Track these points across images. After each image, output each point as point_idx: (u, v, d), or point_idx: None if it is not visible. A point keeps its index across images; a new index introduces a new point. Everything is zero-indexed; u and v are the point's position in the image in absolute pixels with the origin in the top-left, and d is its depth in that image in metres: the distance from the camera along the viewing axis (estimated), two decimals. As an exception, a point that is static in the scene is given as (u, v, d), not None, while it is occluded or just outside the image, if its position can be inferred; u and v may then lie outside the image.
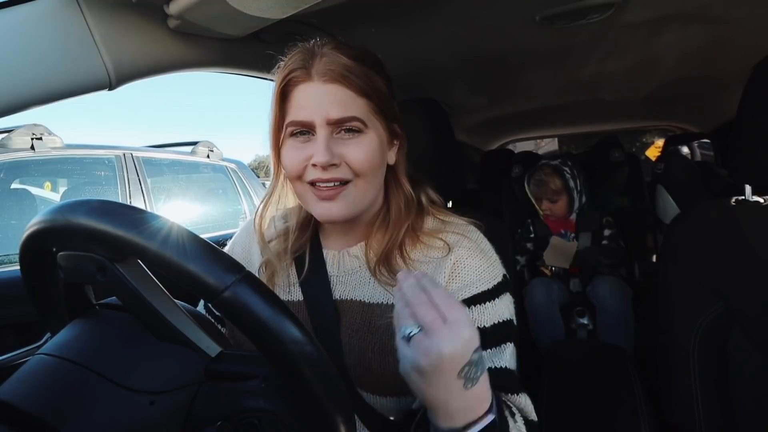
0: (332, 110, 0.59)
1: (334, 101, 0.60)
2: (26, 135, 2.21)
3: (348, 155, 0.60)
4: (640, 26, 1.15)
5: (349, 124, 0.60)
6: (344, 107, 0.60)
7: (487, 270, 0.66)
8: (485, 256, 0.67)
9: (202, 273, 0.36)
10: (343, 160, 0.60)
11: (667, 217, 1.83)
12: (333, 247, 0.73)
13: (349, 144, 0.61)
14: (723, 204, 0.89)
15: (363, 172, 0.62)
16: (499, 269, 0.68)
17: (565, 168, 1.95)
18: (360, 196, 0.63)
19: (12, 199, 2.17)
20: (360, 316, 0.67)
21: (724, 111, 2.07)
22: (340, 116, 0.60)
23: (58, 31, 0.66)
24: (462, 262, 0.66)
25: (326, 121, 0.60)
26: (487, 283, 0.65)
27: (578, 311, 1.88)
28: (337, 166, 0.60)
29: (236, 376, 0.43)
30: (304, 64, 0.61)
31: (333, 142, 0.60)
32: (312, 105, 0.60)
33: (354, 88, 0.61)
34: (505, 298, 0.67)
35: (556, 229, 2.00)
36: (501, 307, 0.66)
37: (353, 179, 0.62)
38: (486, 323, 0.64)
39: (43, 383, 0.40)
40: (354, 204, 0.63)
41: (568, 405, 1.10)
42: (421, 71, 1.41)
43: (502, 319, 0.65)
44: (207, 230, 2.79)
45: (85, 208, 0.39)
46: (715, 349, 0.82)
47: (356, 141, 0.61)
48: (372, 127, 0.63)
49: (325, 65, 0.60)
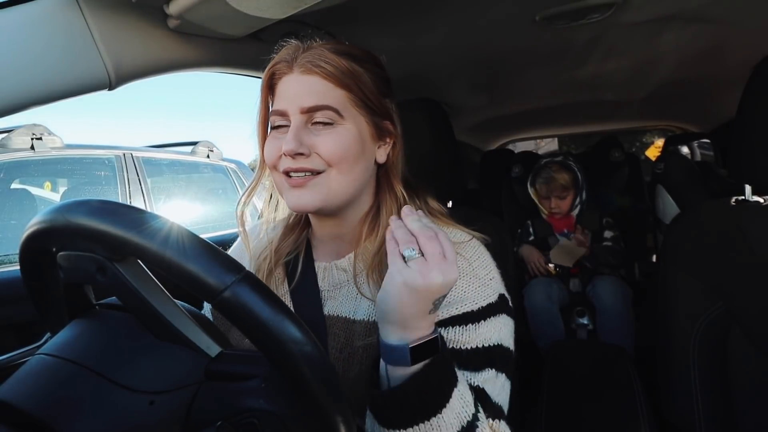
0: (306, 100, 0.60)
1: (310, 92, 0.60)
2: (26, 135, 2.21)
3: (318, 146, 0.60)
4: (640, 26, 1.15)
5: (322, 114, 0.60)
6: (318, 96, 0.60)
7: (476, 290, 0.63)
8: (476, 276, 0.64)
9: (202, 273, 0.36)
10: (313, 150, 0.60)
11: (667, 217, 1.83)
12: (323, 259, 0.72)
13: (321, 134, 0.61)
14: (723, 204, 0.89)
15: (335, 162, 0.61)
16: (494, 289, 0.64)
17: (570, 162, 1.96)
18: (334, 186, 0.62)
19: (12, 199, 2.17)
20: (343, 335, 0.65)
21: (724, 111, 2.07)
22: (312, 104, 0.60)
23: (58, 31, 0.66)
24: None
25: (299, 110, 0.60)
26: (472, 304, 0.62)
27: (578, 311, 1.88)
28: (306, 156, 0.60)
29: (236, 376, 0.43)
30: (288, 57, 0.62)
31: (304, 132, 0.61)
32: (289, 95, 0.61)
33: (332, 79, 0.61)
34: (497, 321, 0.62)
35: (559, 229, 2.00)
36: (488, 330, 0.61)
37: (326, 170, 0.61)
38: (463, 345, 0.59)
39: (43, 383, 0.40)
40: (326, 194, 0.62)
41: (568, 405, 1.10)
42: (421, 71, 1.41)
43: (488, 344, 0.60)
44: (207, 230, 2.79)
45: (85, 208, 0.39)
46: (715, 349, 0.82)
47: (328, 131, 0.61)
48: (349, 118, 0.62)
49: (306, 58, 0.61)
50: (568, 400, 1.11)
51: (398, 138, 0.69)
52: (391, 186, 0.69)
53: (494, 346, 0.61)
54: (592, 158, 2.26)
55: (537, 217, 2.06)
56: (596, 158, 2.23)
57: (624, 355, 1.31)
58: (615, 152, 2.15)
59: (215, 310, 0.73)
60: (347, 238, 0.70)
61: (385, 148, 0.68)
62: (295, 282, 0.71)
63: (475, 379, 0.58)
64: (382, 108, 0.67)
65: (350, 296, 0.67)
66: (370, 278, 0.65)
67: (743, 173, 0.84)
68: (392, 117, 0.68)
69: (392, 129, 0.68)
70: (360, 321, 0.65)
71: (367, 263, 0.66)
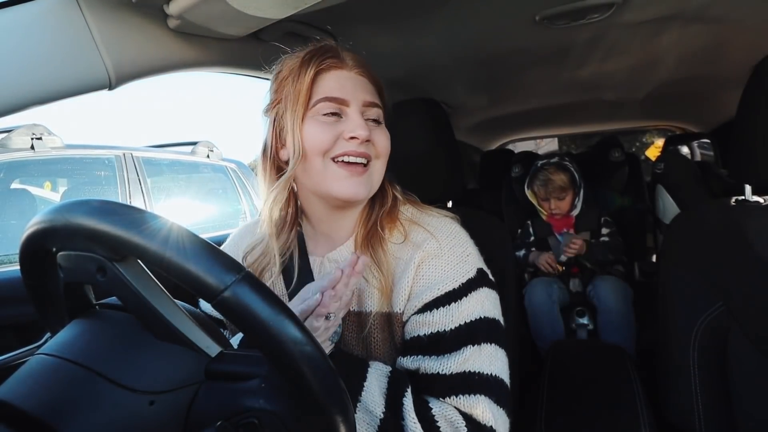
0: (367, 95, 0.67)
1: (367, 90, 0.68)
2: (26, 135, 2.21)
3: (375, 138, 0.67)
4: (640, 26, 1.15)
5: (375, 111, 0.69)
6: (374, 96, 0.69)
7: (454, 267, 0.66)
8: (453, 252, 0.67)
9: (202, 273, 0.36)
10: (372, 141, 0.67)
11: (667, 217, 1.83)
12: (317, 253, 0.74)
13: (375, 129, 0.68)
14: (723, 204, 0.89)
15: (383, 155, 0.69)
16: (471, 264, 0.68)
17: (566, 163, 1.95)
18: (377, 177, 0.69)
19: (12, 199, 2.17)
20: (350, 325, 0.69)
21: (724, 111, 2.07)
22: (373, 100, 0.68)
23: (58, 31, 0.66)
24: (426, 263, 0.67)
25: (362, 102, 0.67)
26: (452, 282, 0.65)
27: (578, 311, 1.88)
28: (370, 143, 0.66)
29: (236, 376, 0.43)
30: (336, 54, 0.67)
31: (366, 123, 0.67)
32: (347, 88, 0.66)
33: (376, 86, 0.70)
34: (478, 295, 0.66)
35: (559, 229, 2.00)
36: (470, 305, 0.64)
37: (373, 161, 0.68)
38: (446, 326, 0.63)
39: (43, 383, 0.40)
40: (373, 183, 0.68)
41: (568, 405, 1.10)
42: (421, 71, 1.41)
43: (470, 319, 0.64)
44: (207, 230, 2.79)
45: (85, 208, 0.39)
46: (715, 349, 0.82)
47: (379, 128, 0.69)
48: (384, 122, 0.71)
49: (355, 60, 0.68)
50: (568, 400, 1.11)
51: None
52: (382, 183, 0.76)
53: (477, 320, 0.64)
54: (592, 158, 2.26)
55: (537, 218, 2.06)
56: (596, 158, 2.23)
57: (624, 355, 1.31)
58: (615, 152, 2.15)
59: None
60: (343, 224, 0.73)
61: None
62: (293, 284, 0.72)
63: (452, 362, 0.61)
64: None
65: None
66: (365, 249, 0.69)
67: (743, 173, 0.84)
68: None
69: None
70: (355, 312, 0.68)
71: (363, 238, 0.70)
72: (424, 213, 0.74)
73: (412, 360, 0.64)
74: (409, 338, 0.66)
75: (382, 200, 0.73)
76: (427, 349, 0.64)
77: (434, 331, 0.64)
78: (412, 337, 0.66)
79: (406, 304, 0.66)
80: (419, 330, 0.65)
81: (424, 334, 0.64)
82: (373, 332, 0.67)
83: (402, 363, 0.65)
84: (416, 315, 0.65)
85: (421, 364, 0.63)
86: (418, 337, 0.65)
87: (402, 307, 0.66)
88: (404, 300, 0.66)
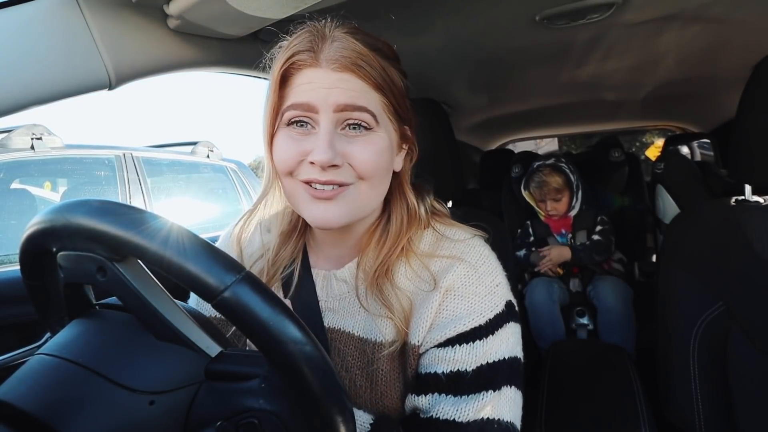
0: (341, 96, 0.52)
1: (345, 88, 0.52)
2: (26, 135, 2.22)
3: (353, 155, 0.53)
4: (640, 26, 1.15)
5: (358, 116, 0.53)
6: (355, 96, 0.53)
7: (483, 300, 0.58)
8: (482, 282, 0.59)
9: (202, 273, 0.36)
10: (347, 160, 0.53)
11: (667, 217, 1.83)
12: (321, 267, 0.67)
13: (356, 142, 0.54)
14: (723, 204, 0.89)
15: (368, 175, 0.54)
16: (501, 296, 0.60)
17: (562, 164, 1.95)
18: (362, 201, 0.56)
19: (12, 199, 2.18)
20: (353, 351, 0.61)
21: (724, 111, 2.07)
22: (350, 102, 0.52)
23: (58, 31, 0.66)
24: (454, 292, 0.58)
25: (333, 108, 0.52)
26: (480, 317, 0.57)
27: (578, 311, 1.88)
28: (339, 167, 0.53)
29: (236, 375, 0.43)
30: (311, 46, 0.53)
31: (337, 139, 0.53)
32: (317, 89, 0.52)
33: (368, 80, 0.53)
34: (505, 332, 0.58)
35: (557, 230, 2.00)
36: (495, 344, 0.57)
37: (355, 182, 0.55)
38: (468, 366, 0.55)
39: (43, 383, 0.40)
40: (354, 209, 0.56)
41: (568, 405, 1.10)
42: (421, 71, 1.40)
43: (494, 360, 0.56)
44: (207, 230, 2.79)
45: (85, 208, 0.39)
46: (714, 348, 0.82)
47: (364, 139, 0.54)
48: (383, 126, 0.56)
49: (337, 51, 0.53)
50: (568, 400, 1.11)
51: (414, 143, 0.64)
52: (403, 193, 0.64)
53: (500, 360, 0.57)
54: (592, 158, 2.26)
55: (536, 218, 2.06)
56: (596, 158, 2.23)
57: (624, 354, 1.31)
58: (615, 152, 2.15)
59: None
60: (350, 244, 0.65)
61: (401, 156, 0.63)
62: (291, 293, 0.66)
63: (473, 407, 0.54)
64: (407, 113, 0.61)
65: (352, 309, 0.63)
66: (369, 291, 0.61)
67: (743, 173, 0.84)
68: (411, 121, 0.62)
69: (410, 135, 0.63)
70: (368, 341, 0.61)
71: (368, 274, 0.61)
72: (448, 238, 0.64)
73: (428, 399, 0.56)
74: (425, 373, 0.58)
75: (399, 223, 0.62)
76: (444, 387, 0.56)
77: (454, 370, 0.56)
78: (428, 372, 0.57)
79: (425, 336, 0.58)
80: (438, 366, 0.56)
81: (443, 372, 0.56)
82: (382, 364, 0.59)
83: (415, 402, 0.57)
84: (436, 348, 0.57)
85: (437, 406, 0.55)
86: (435, 374, 0.56)
87: (420, 339, 0.58)
88: (424, 331, 0.58)
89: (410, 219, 0.63)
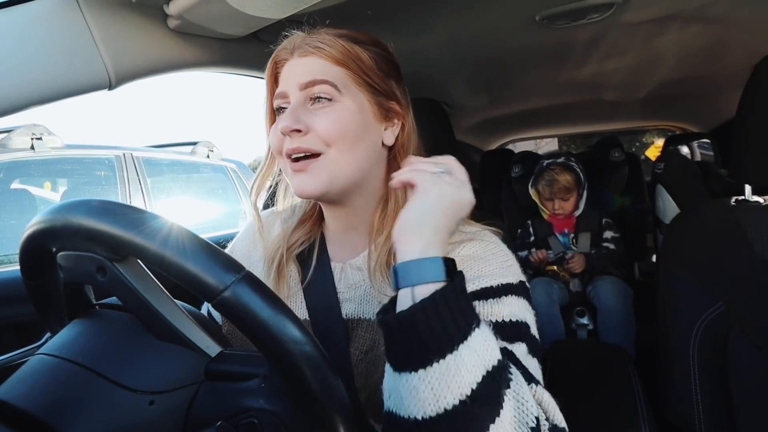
0: (303, 76, 0.60)
1: (306, 70, 0.60)
2: (26, 135, 2.22)
3: (315, 123, 0.59)
4: (640, 26, 1.15)
5: (319, 89, 0.59)
6: (315, 73, 0.60)
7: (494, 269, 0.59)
8: (495, 258, 0.61)
9: (202, 273, 0.36)
10: (310, 129, 0.59)
11: (667, 217, 1.83)
12: (338, 259, 0.69)
13: (318, 112, 0.59)
14: (723, 204, 0.89)
15: (333, 140, 0.59)
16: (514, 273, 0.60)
17: (572, 163, 1.95)
18: (334, 168, 0.60)
19: (12, 199, 2.18)
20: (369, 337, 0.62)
21: (724, 111, 2.07)
22: (310, 79, 0.59)
23: (58, 31, 0.66)
24: (473, 255, 0.60)
25: (297, 87, 0.60)
26: (490, 279, 0.57)
27: (578, 311, 1.88)
28: (303, 133, 0.58)
29: (236, 375, 0.43)
30: (289, 44, 0.63)
31: (302, 111, 0.60)
32: (288, 77, 0.62)
33: (328, 58, 0.60)
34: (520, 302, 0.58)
35: (560, 229, 2.00)
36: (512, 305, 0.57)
37: (325, 150, 0.59)
38: (504, 317, 0.54)
39: (43, 383, 0.40)
40: (327, 177, 0.60)
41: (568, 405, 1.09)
42: (421, 71, 1.40)
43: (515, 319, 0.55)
44: (207, 230, 2.79)
45: (85, 208, 0.39)
46: (715, 349, 0.82)
47: (326, 109, 0.60)
48: (348, 95, 0.61)
49: (303, 41, 0.61)
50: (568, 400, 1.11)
51: (407, 120, 0.67)
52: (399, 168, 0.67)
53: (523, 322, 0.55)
54: (592, 158, 2.26)
55: (537, 217, 2.06)
56: (596, 158, 2.23)
57: (624, 355, 1.31)
58: (615, 152, 2.15)
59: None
60: (361, 229, 0.67)
61: (392, 130, 0.66)
62: (308, 278, 0.68)
63: (516, 351, 0.53)
64: (386, 87, 0.64)
65: (370, 296, 0.64)
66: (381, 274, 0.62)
67: (743, 173, 0.84)
68: (398, 98, 0.66)
69: (400, 110, 0.66)
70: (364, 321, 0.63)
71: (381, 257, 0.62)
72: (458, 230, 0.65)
73: None
74: None
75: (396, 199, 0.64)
76: None
77: None
78: None
79: None
80: None
81: None
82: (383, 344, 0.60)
83: None
84: None
85: None
86: None
87: None
88: None
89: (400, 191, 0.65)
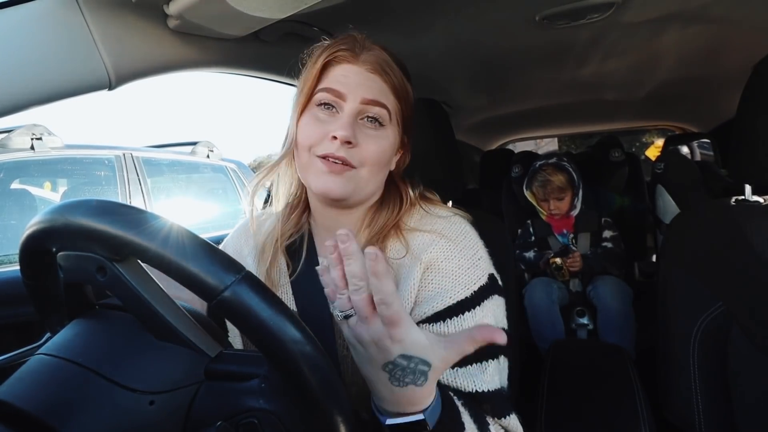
0: (369, 92, 0.62)
1: (373, 86, 0.63)
2: (26, 135, 2.22)
3: (365, 144, 0.62)
4: (640, 26, 1.15)
5: (377, 111, 0.63)
6: (380, 94, 0.63)
7: (466, 273, 0.62)
8: (464, 255, 0.64)
9: (202, 273, 0.36)
10: (358, 146, 0.62)
11: (667, 217, 1.83)
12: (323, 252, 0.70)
13: (369, 132, 0.63)
14: (723, 204, 0.89)
15: (370, 163, 0.63)
16: (483, 269, 0.64)
17: (564, 163, 1.95)
18: (361, 184, 0.64)
19: (12, 199, 2.18)
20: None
21: (724, 111, 2.07)
22: (374, 98, 0.63)
23: (58, 31, 0.66)
24: (435, 266, 0.63)
25: (360, 99, 0.62)
26: (465, 289, 0.61)
27: (578, 311, 1.88)
28: (353, 147, 0.61)
29: (236, 375, 0.43)
30: (352, 47, 0.64)
31: (356, 125, 0.62)
32: (350, 82, 0.63)
33: (391, 86, 0.65)
34: (491, 303, 0.62)
35: (558, 229, 2.00)
36: (484, 315, 0.61)
37: (359, 167, 0.63)
38: None
39: (43, 383, 0.40)
40: (354, 188, 0.63)
41: (568, 405, 1.10)
42: (422, 71, 1.40)
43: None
44: (207, 230, 2.79)
45: (85, 208, 0.39)
46: (715, 349, 0.82)
47: (376, 132, 0.64)
48: (391, 126, 0.66)
49: (372, 56, 0.64)
50: (568, 400, 1.11)
51: (408, 149, 0.73)
52: (396, 187, 0.72)
53: None
54: (592, 158, 2.26)
55: (537, 218, 2.06)
56: (596, 158, 2.23)
57: (624, 354, 1.31)
58: (615, 152, 2.15)
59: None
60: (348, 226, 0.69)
61: (396, 157, 0.72)
62: (297, 271, 0.69)
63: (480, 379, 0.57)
64: (410, 125, 0.71)
65: None
66: None
67: (743, 173, 0.84)
68: (411, 134, 0.72)
69: (407, 143, 0.73)
70: None
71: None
72: (431, 214, 0.70)
73: None
74: None
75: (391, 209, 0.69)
76: None
77: None
78: None
79: (411, 311, 0.62)
80: None
81: None
82: None
83: None
84: (427, 325, 0.60)
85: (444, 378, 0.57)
86: None
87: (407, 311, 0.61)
88: (409, 306, 0.62)
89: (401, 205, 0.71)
